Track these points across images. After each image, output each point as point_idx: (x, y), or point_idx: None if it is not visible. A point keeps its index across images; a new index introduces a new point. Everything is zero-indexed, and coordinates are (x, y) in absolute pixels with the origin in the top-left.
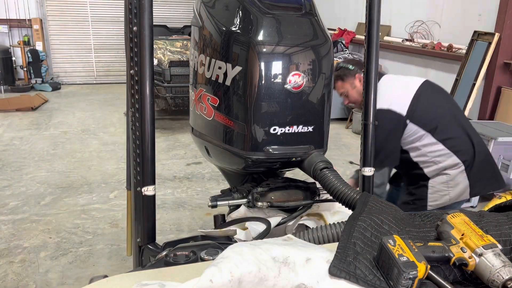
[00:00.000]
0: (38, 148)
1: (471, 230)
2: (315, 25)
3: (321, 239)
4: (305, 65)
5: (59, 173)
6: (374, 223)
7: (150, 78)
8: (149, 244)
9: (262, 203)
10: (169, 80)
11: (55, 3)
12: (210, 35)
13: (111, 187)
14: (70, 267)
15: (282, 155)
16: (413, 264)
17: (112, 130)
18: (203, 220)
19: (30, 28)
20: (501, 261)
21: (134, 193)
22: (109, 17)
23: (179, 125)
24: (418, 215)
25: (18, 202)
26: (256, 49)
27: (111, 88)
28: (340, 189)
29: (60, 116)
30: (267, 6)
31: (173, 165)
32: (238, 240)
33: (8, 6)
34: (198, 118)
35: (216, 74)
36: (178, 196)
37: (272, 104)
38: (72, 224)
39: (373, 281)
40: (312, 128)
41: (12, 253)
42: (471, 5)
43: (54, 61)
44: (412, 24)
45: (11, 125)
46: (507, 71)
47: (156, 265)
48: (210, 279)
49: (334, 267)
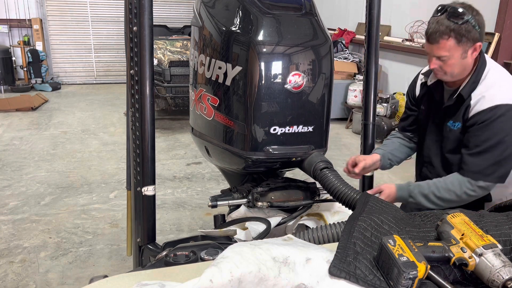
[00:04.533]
0: (38, 148)
1: (471, 230)
2: (315, 25)
3: (321, 239)
4: (305, 65)
5: (59, 173)
6: (374, 223)
7: (150, 78)
8: (149, 244)
9: (262, 203)
10: (169, 80)
11: (55, 3)
12: (210, 35)
13: (111, 187)
14: (70, 267)
15: (282, 155)
16: (413, 264)
17: (112, 130)
18: (203, 220)
19: (30, 28)
20: (501, 261)
21: (134, 193)
22: (109, 17)
23: (179, 125)
24: (418, 215)
25: (18, 202)
26: (256, 49)
27: (111, 88)
28: (340, 189)
29: (60, 116)
30: (267, 6)
31: (173, 165)
32: (238, 240)
33: (8, 6)
34: (198, 118)
35: (216, 74)
36: (178, 196)
37: (272, 104)
38: (72, 224)
39: (373, 281)
40: (312, 128)
41: (12, 253)
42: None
43: (54, 61)
44: (412, 24)
45: (11, 125)
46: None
47: (156, 265)
48: (210, 279)
49: (334, 267)
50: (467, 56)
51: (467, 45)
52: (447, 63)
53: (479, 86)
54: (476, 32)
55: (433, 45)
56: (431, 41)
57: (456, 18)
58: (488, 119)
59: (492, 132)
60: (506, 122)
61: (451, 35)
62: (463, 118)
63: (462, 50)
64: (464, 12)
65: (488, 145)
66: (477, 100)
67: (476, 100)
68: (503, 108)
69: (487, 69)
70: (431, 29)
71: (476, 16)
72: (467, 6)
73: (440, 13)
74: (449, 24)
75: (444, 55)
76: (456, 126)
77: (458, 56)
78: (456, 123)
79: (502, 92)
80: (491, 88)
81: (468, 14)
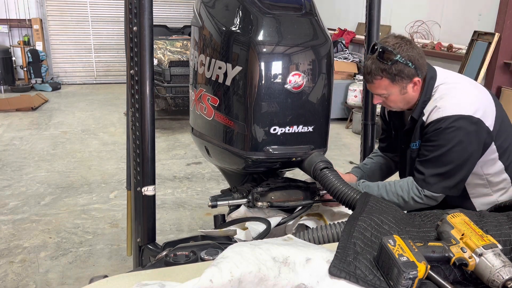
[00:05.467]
0: (38, 148)
1: (471, 230)
2: (315, 25)
3: (321, 239)
4: (305, 65)
5: (59, 173)
6: (374, 223)
7: (150, 78)
8: (149, 244)
9: (262, 203)
10: (169, 80)
11: (55, 3)
12: (210, 35)
13: (111, 187)
14: (70, 267)
15: (282, 155)
16: (413, 264)
17: (112, 130)
18: (203, 220)
19: (30, 28)
20: (501, 261)
21: (134, 193)
22: (109, 17)
23: (179, 125)
24: (418, 215)
25: (18, 202)
26: (256, 49)
27: (111, 88)
28: (340, 189)
29: (60, 116)
30: (267, 6)
31: (173, 165)
32: (238, 240)
33: (8, 6)
34: (198, 118)
35: (216, 74)
36: (178, 196)
37: (272, 104)
38: (72, 224)
39: (373, 281)
40: (312, 128)
41: (12, 253)
42: (471, 5)
43: (54, 61)
44: (412, 24)
45: (11, 125)
46: (507, 71)
47: (156, 265)
48: (210, 279)
49: (334, 267)
50: (408, 91)
51: (403, 82)
52: (388, 99)
53: (429, 102)
54: (410, 68)
55: (370, 84)
56: (367, 80)
57: (385, 59)
58: (435, 129)
59: (438, 144)
60: (451, 134)
61: (384, 75)
62: (420, 135)
63: (399, 87)
64: (392, 52)
65: (432, 156)
66: (428, 115)
67: (427, 115)
68: (449, 120)
69: (436, 86)
70: (365, 69)
71: (408, 51)
72: (398, 43)
73: (372, 52)
74: (380, 65)
75: (382, 93)
76: (417, 145)
77: (397, 93)
78: (416, 142)
79: (450, 103)
80: (440, 100)
81: (397, 53)
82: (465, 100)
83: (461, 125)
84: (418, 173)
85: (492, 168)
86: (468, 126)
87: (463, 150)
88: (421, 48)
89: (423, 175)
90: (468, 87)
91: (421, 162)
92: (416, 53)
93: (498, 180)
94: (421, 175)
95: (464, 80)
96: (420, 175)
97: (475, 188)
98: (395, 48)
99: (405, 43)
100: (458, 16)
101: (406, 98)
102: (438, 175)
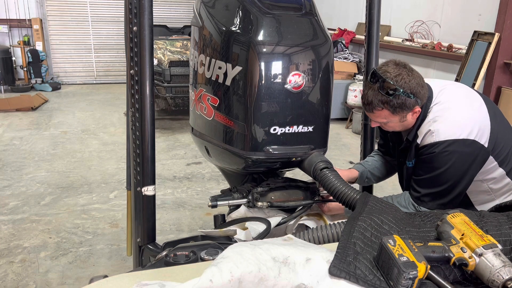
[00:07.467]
0: (38, 148)
1: (471, 230)
2: (315, 25)
3: (321, 239)
4: (305, 65)
5: (59, 173)
6: (374, 223)
7: (150, 78)
8: (149, 244)
9: (262, 203)
10: (169, 80)
11: (55, 3)
12: (210, 35)
13: (111, 187)
14: (70, 267)
15: (282, 155)
16: (413, 264)
17: (112, 130)
18: (203, 220)
19: (30, 28)
20: (501, 261)
21: (134, 193)
22: (109, 17)
23: (179, 125)
24: (418, 215)
25: (18, 202)
26: (256, 49)
27: (111, 88)
28: (340, 189)
29: (60, 116)
30: (267, 6)
31: (173, 165)
32: (238, 240)
33: (8, 6)
34: (198, 118)
35: (216, 74)
36: (178, 196)
37: (272, 104)
38: (72, 224)
39: (373, 281)
40: (312, 128)
41: (12, 253)
42: (471, 5)
43: (54, 61)
44: (412, 24)
45: (11, 125)
46: (507, 71)
47: (156, 265)
48: (210, 279)
49: (334, 267)
50: (407, 119)
51: (404, 112)
52: (387, 125)
53: (423, 124)
54: (411, 100)
55: (369, 113)
56: (366, 110)
57: (386, 92)
58: (429, 153)
59: (432, 166)
60: (446, 157)
61: (385, 107)
62: (415, 155)
63: (400, 116)
64: (394, 86)
65: (426, 176)
66: (422, 137)
67: (422, 137)
68: (443, 144)
69: (432, 105)
70: (365, 98)
71: (409, 83)
72: (399, 75)
73: (372, 81)
74: (381, 98)
75: (381, 121)
76: (412, 163)
77: (397, 121)
78: (411, 161)
79: (444, 126)
80: (434, 123)
81: (398, 87)
82: (459, 122)
83: (455, 149)
84: (414, 191)
85: (493, 175)
86: (463, 148)
87: (458, 170)
88: (420, 74)
89: (418, 193)
90: (462, 107)
91: (416, 181)
92: (416, 83)
93: (501, 186)
94: (416, 193)
95: (458, 96)
96: (415, 192)
97: (478, 196)
98: (397, 81)
99: (406, 73)
100: (458, 16)
101: (404, 124)
102: (433, 194)
